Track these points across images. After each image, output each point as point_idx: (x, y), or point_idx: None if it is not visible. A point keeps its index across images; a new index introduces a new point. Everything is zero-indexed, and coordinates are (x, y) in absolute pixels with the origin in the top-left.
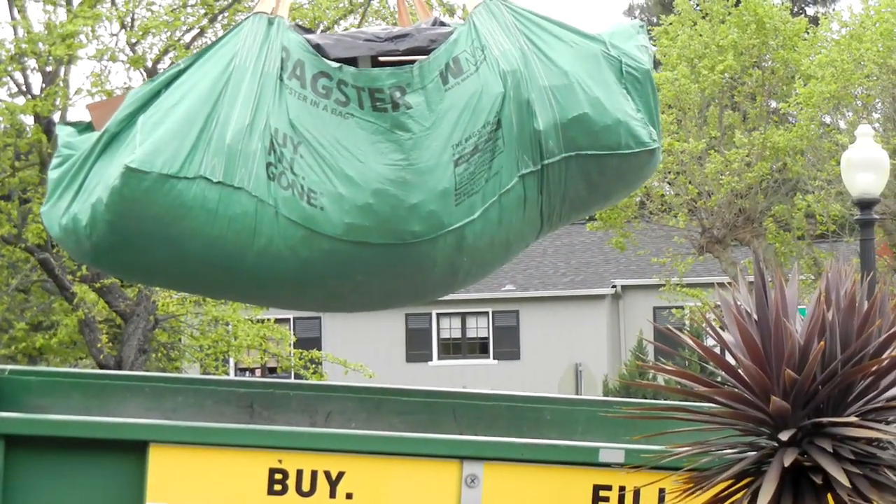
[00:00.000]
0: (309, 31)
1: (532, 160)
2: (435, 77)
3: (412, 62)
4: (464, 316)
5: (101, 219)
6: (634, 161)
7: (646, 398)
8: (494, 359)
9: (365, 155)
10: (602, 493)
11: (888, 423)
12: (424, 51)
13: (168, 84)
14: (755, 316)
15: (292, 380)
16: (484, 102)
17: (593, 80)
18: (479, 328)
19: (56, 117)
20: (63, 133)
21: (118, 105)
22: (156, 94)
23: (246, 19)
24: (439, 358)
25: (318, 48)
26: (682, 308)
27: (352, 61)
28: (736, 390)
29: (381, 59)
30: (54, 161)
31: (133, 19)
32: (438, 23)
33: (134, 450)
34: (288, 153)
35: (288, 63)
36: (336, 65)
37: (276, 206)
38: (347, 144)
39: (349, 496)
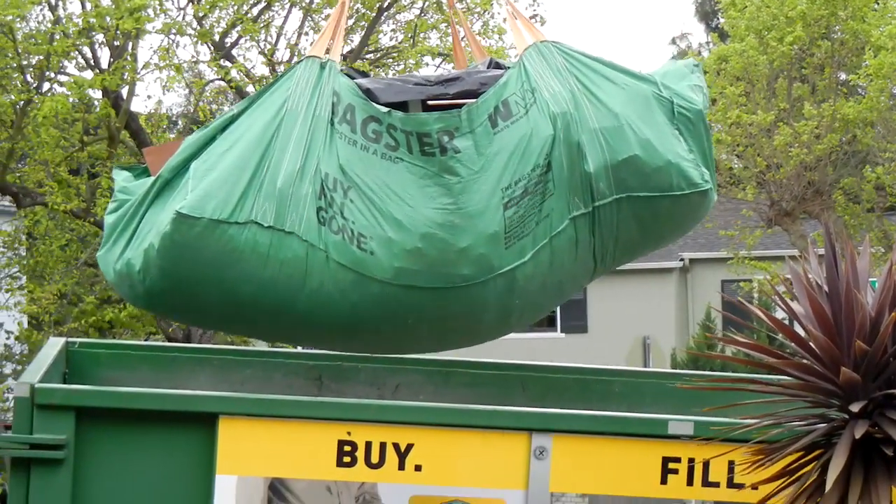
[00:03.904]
0: (363, 73)
1: (583, 202)
2: (484, 121)
3: (462, 105)
4: None
5: (154, 264)
6: (686, 203)
7: (714, 370)
8: (562, 332)
9: (414, 199)
10: (671, 465)
11: None
12: (474, 94)
13: (222, 129)
14: (826, 287)
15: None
16: (534, 145)
17: (644, 122)
18: None
19: (124, 92)
20: (119, 178)
21: (174, 150)
22: (210, 140)
23: (298, 63)
24: None
25: (368, 92)
26: (750, 281)
27: (402, 105)
28: (806, 362)
29: (430, 102)
30: (110, 206)
31: None
32: (494, 64)
33: (204, 422)
34: (338, 197)
35: (339, 107)
36: (385, 109)
37: (326, 251)
38: (397, 189)
39: (418, 468)
